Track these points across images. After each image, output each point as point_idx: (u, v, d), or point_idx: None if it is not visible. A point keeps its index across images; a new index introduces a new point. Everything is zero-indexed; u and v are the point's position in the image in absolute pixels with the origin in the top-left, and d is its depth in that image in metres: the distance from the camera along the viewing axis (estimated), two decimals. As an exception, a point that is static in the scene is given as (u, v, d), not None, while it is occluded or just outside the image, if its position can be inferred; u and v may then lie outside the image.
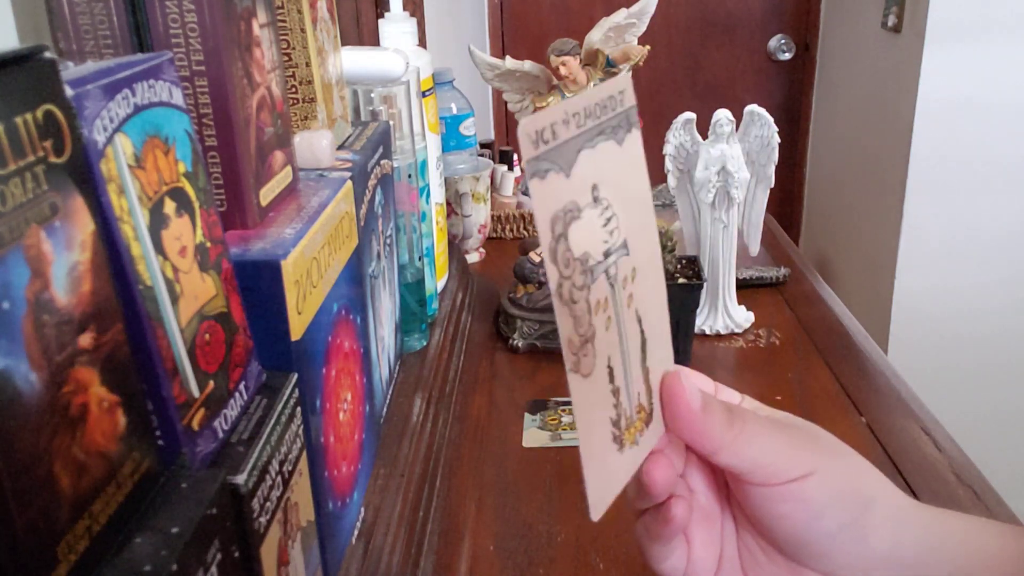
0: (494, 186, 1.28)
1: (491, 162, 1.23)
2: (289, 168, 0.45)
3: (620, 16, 0.99)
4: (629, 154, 0.30)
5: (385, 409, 0.61)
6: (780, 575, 0.35)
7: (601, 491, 0.30)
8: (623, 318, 0.30)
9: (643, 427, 0.32)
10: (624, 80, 0.29)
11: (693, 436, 0.32)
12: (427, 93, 0.82)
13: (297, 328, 0.37)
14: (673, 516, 0.34)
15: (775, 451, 0.32)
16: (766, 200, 0.96)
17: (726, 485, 0.36)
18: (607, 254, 0.29)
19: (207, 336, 0.31)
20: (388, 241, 0.62)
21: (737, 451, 0.32)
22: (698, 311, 0.93)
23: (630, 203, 0.30)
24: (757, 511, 0.33)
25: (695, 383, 0.33)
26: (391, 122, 0.67)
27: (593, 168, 0.28)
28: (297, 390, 0.37)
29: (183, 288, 0.30)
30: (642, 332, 0.31)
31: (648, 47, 0.99)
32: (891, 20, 1.82)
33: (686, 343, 0.88)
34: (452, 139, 1.12)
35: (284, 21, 0.51)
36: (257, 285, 0.36)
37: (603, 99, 0.28)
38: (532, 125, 0.25)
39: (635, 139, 0.30)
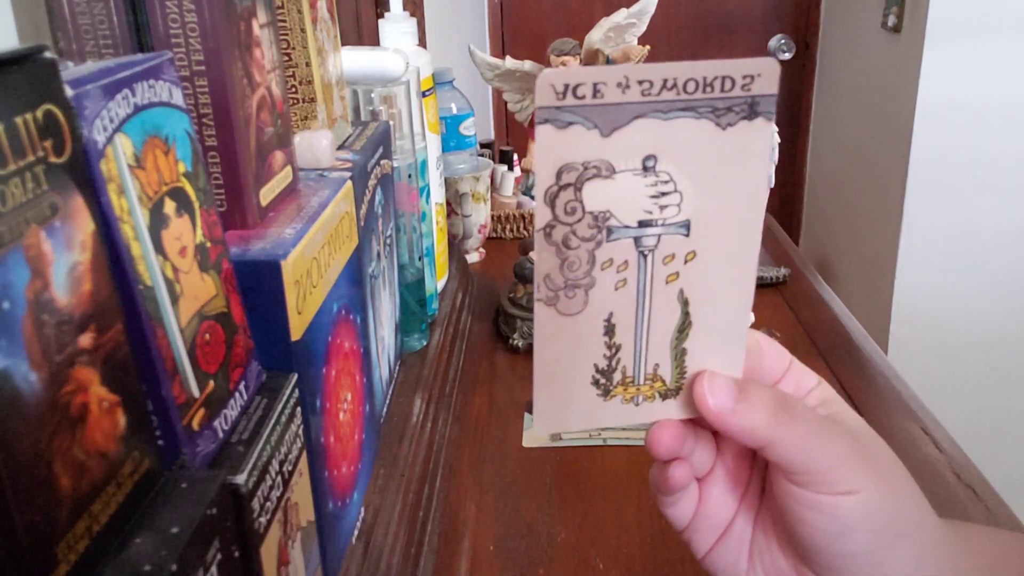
0: (494, 186, 1.28)
1: (491, 162, 1.23)
2: (289, 168, 0.45)
3: (620, 16, 0.99)
4: (739, 143, 0.28)
5: (385, 409, 0.61)
6: (781, 569, 0.35)
7: (556, 413, 0.32)
8: (651, 290, 0.30)
9: (654, 395, 0.32)
10: (759, 65, 0.27)
11: (730, 434, 0.31)
12: (427, 93, 0.82)
13: (297, 328, 0.37)
14: (669, 477, 0.34)
15: (826, 459, 0.31)
16: (766, 200, 0.96)
17: (761, 460, 0.35)
18: (644, 224, 0.29)
19: (207, 336, 0.31)
20: (388, 241, 0.62)
21: (787, 452, 0.31)
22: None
23: (716, 192, 0.29)
24: (784, 505, 0.32)
25: (724, 381, 0.31)
26: (391, 122, 0.67)
27: (654, 139, 0.28)
28: (297, 390, 0.37)
29: (183, 288, 0.30)
30: (686, 315, 0.31)
31: (648, 47, 0.99)
32: (891, 20, 1.82)
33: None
34: (452, 139, 1.12)
35: (284, 21, 0.51)
36: (257, 285, 0.36)
37: (707, 77, 0.27)
38: (561, 77, 0.26)
39: (756, 130, 0.28)
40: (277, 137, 0.43)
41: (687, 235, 0.30)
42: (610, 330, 0.31)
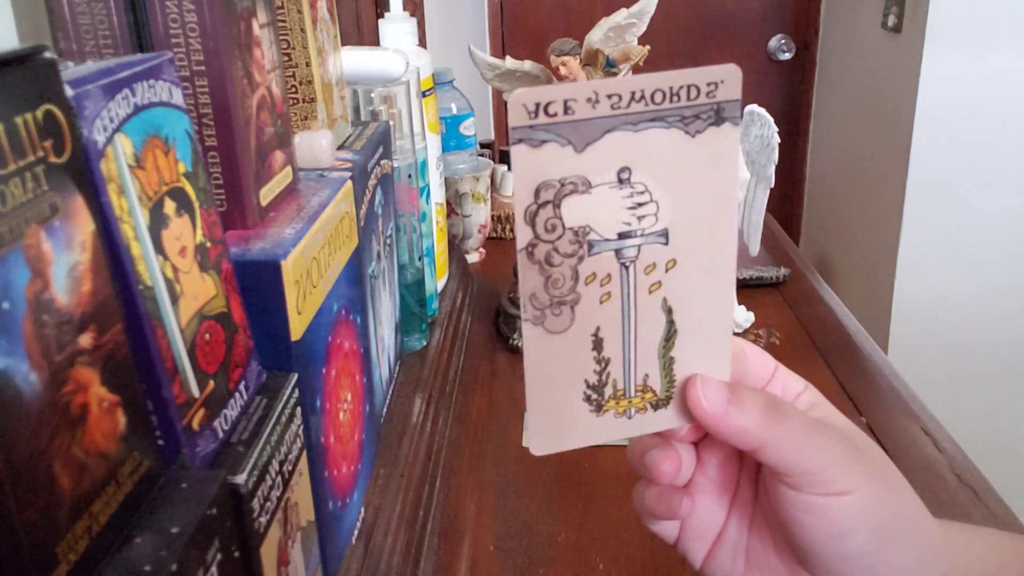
0: (494, 186, 1.28)
1: (491, 162, 1.23)
2: (289, 168, 0.45)
3: (620, 16, 0.99)
4: (708, 149, 0.29)
5: (385, 409, 0.61)
6: (779, 574, 0.35)
7: (549, 433, 0.32)
8: (635, 301, 0.30)
9: (645, 407, 0.32)
10: (722, 72, 0.28)
11: (725, 437, 0.31)
12: (427, 93, 0.82)
13: (297, 328, 0.37)
14: (675, 509, 0.34)
15: (819, 459, 0.31)
16: (766, 200, 0.96)
17: (749, 467, 0.35)
18: (624, 236, 0.29)
19: (207, 336, 0.31)
20: (388, 241, 0.62)
21: (780, 453, 0.31)
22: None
23: (690, 198, 0.29)
24: (781, 511, 0.32)
25: (716, 384, 0.31)
26: (391, 122, 0.67)
27: (627, 151, 0.28)
28: (297, 390, 0.37)
29: (183, 288, 0.30)
30: (671, 323, 0.31)
31: (648, 47, 0.99)
32: (891, 20, 1.82)
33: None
34: (452, 139, 1.12)
35: (284, 21, 0.51)
36: (257, 285, 0.36)
37: (673, 87, 0.27)
38: (531, 97, 0.26)
39: (723, 135, 0.29)
40: (277, 137, 0.43)
41: (666, 243, 0.30)
42: (598, 344, 0.31)
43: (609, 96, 0.27)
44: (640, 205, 0.29)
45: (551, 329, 0.30)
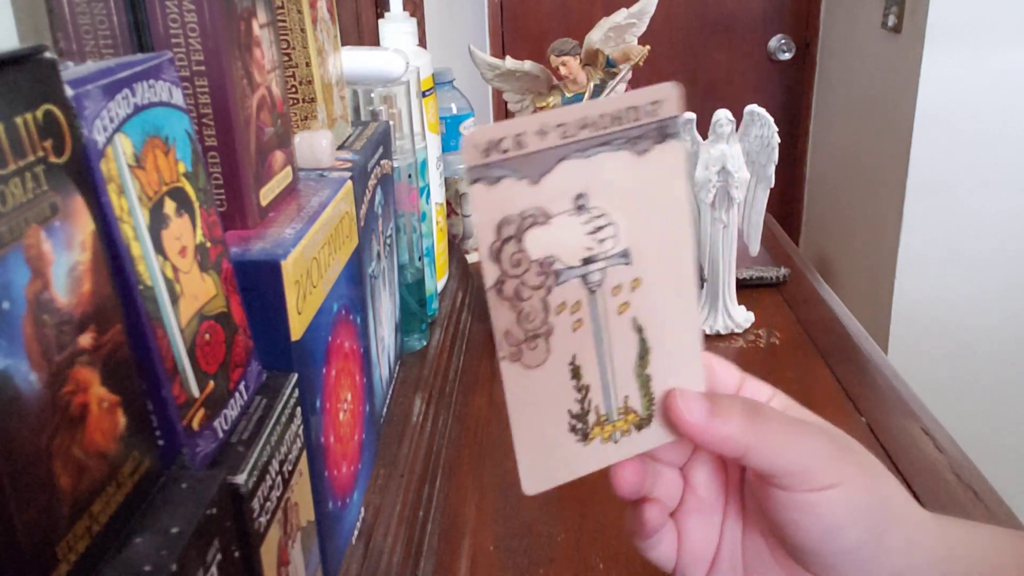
0: (494, 186, 1.28)
1: (491, 162, 1.23)
2: (289, 168, 0.45)
3: (620, 16, 1.00)
4: (656, 166, 0.29)
5: (385, 409, 0.61)
6: None
7: (541, 469, 0.32)
8: (606, 324, 0.31)
9: (629, 428, 0.32)
10: (661, 91, 0.29)
11: (710, 446, 0.32)
12: (427, 93, 0.82)
13: (297, 328, 0.37)
14: (646, 521, 0.34)
15: (804, 456, 0.31)
16: (766, 200, 0.96)
17: (733, 479, 0.36)
18: (589, 261, 0.30)
19: (207, 336, 0.31)
20: (388, 241, 0.62)
21: (766, 455, 0.31)
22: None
23: (646, 215, 0.30)
24: (773, 513, 0.32)
25: (695, 395, 0.32)
26: (391, 122, 0.67)
27: (581, 178, 0.29)
28: (297, 390, 0.37)
29: (183, 288, 0.30)
30: (643, 341, 0.31)
31: (648, 47, 0.99)
32: (891, 20, 1.82)
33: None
34: (452, 139, 1.12)
35: (284, 21, 0.51)
36: (257, 285, 0.36)
37: (617, 110, 0.28)
38: (483, 135, 0.27)
39: (669, 151, 0.29)
40: (277, 137, 0.43)
41: (628, 263, 0.30)
42: (576, 373, 0.31)
43: (558, 126, 0.27)
44: (599, 229, 0.29)
45: (529, 364, 0.30)
